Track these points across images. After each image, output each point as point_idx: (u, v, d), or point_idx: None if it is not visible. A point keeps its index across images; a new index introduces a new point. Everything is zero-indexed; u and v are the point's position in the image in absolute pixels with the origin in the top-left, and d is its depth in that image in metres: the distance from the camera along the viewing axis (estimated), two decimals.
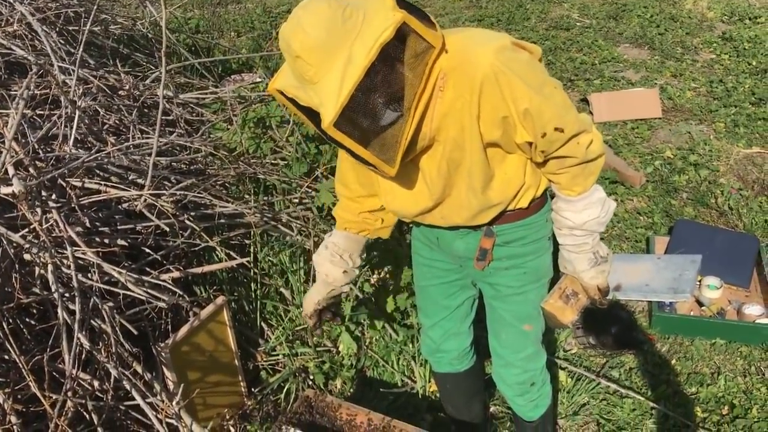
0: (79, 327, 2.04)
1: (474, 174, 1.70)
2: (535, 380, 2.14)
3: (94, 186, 2.47)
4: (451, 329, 2.22)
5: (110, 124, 3.13)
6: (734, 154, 4.56)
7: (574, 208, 1.79)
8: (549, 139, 1.63)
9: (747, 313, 3.19)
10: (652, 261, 3.49)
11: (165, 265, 2.55)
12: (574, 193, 1.77)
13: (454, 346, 2.25)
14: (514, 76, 1.55)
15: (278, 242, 3.01)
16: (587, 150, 1.70)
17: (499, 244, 1.90)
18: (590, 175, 1.76)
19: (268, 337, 2.92)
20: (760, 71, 5.63)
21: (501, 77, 1.54)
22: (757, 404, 2.80)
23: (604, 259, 1.87)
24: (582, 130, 1.67)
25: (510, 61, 1.56)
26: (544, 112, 1.59)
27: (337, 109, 1.40)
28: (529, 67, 1.60)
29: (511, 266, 1.94)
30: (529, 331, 2.04)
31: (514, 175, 1.76)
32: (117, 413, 2.25)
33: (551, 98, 1.62)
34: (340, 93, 1.39)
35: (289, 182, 3.20)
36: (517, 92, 1.56)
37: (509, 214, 1.85)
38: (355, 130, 1.47)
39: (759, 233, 3.78)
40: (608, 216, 1.82)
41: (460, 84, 1.56)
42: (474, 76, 1.54)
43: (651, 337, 3.17)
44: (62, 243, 2.20)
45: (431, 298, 2.18)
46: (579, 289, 1.91)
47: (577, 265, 1.87)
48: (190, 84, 4.14)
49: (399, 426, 2.24)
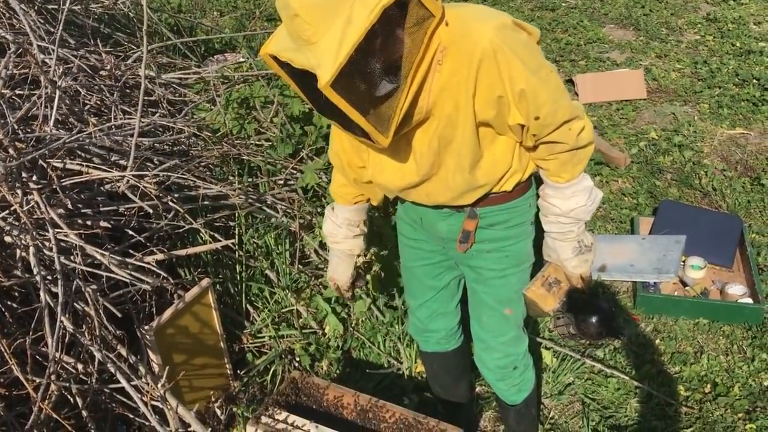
0: (62, 310, 2.01)
1: (463, 153, 1.69)
2: (517, 364, 2.14)
3: (76, 167, 2.44)
4: (438, 309, 2.22)
5: (91, 104, 3.08)
6: (718, 135, 4.59)
7: (561, 195, 1.78)
8: (542, 122, 1.63)
9: (730, 292, 3.22)
10: (637, 241, 3.51)
11: (149, 247, 2.52)
12: (562, 179, 1.76)
13: (441, 326, 2.25)
14: (513, 55, 1.54)
15: (263, 224, 2.98)
16: (578, 137, 1.69)
17: (482, 227, 1.89)
18: (579, 162, 1.75)
19: (254, 320, 2.91)
20: (743, 52, 5.64)
21: (500, 55, 1.53)
22: (738, 382, 2.84)
23: (588, 249, 1.86)
24: (574, 116, 1.67)
25: (509, 40, 1.55)
26: (539, 95, 1.59)
27: (335, 68, 1.37)
28: (527, 48, 1.60)
29: (493, 249, 1.93)
30: (510, 315, 2.04)
31: (501, 158, 1.75)
32: (101, 396, 2.24)
33: (547, 81, 1.61)
34: (338, 53, 1.36)
35: (273, 163, 3.17)
36: (515, 72, 1.55)
37: (493, 197, 1.84)
38: (351, 94, 1.44)
39: (742, 214, 3.81)
40: (595, 205, 1.81)
41: (458, 59, 1.55)
42: (473, 52, 1.53)
43: (635, 317, 3.19)
44: (44, 225, 2.17)
45: (417, 279, 2.18)
46: (562, 277, 1.90)
47: (561, 253, 1.86)
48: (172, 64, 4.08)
49: (385, 406, 2.24)
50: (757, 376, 2.86)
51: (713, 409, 2.74)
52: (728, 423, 2.67)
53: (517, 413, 2.31)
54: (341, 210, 2.09)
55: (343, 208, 2.09)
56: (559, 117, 1.64)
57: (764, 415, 2.69)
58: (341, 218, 2.10)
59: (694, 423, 2.68)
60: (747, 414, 2.71)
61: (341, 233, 2.11)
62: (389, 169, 1.80)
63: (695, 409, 2.74)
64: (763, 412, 2.70)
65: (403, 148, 1.73)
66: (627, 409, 2.75)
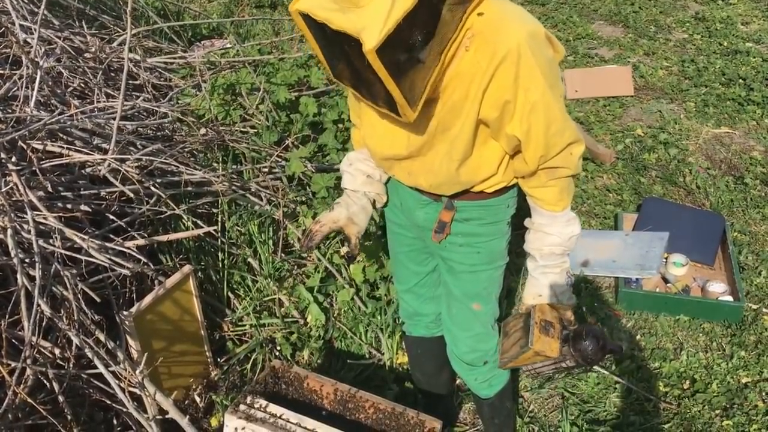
0: (40, 293, 1.98)
1: (457, 144, 1.68)
2: (487, 359, 2.14)
3: (57, 149, 2.40)
4: (425, 294, 2.22)
5: (75, 86, 3.03)
6: (703, 134, 4.61)
7: (559, 224, 1.78)
8: (550, 141, 1.62)
9: (710, 290, 3.24)
10: (620, 237, 3.52)
11: (129, 232, 2.49)
12: (558, 208, 1.76)
13: (431, 310, 2.26)
14: (536, 65, 1.53)
15: (247, 211, 2.96)
16: (578, 162, 1.71)
17: (458, 220, 1.89)
18: (572, 191, 1.78)
19: (235, 308, 2.89)
20: (730, 52, 5.67)
21: (523, 60, 1.52)
22: (717, 379, 2.86)
23: (573, 278, 1.86)
24: (576, 140, 1.67)
25: (537, 50, 1.54)
26: (551, 110, 1.59)
27: (384, 34, 1.35)
28: (550, 64, 1.60)
29: (466, 244, 1.92)
30: (477, 310, 2.04)
31: (488, 162, 1.75)
32: (79, 382, 2.21)
33: (558, 100, 1.62)
34: (388, 19, 1.35)
35: (258, 151, 3.14)
36: (533, 82, 1.54)
37: (472, 193, 1.84)
38: (392, 62, 1.42)
39: (725, 212, 3.83)
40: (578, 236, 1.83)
41: (482, 50, 1.53)
42: (498, 48, 1.52)
43: (617, 312, 3.21)
44: (22, 207, 2.14)
45: (402, 264, 2.19)
46: (550, 317, 1.81)
47: (557, 287, 1.83)
48: (158, 48, 4.03)
49: (365, 396, 2.24)
50: (735, 373, 2.88)
51: (691, 405, 2.75)
52: (706, 419, 2.69)
53: (490, 407, 2.31)
54: (357, 156, 2.02)
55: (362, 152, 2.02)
56: (566, 137, 1.64)
57: (741, 412, 2.71)
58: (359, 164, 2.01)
59: (672, 419, 2.70)
60: (724, 410, 2.73)
61: (377, 174, 2.01)
62: (381, 135, 1.78)
63: (674, 405, 2.76)
64: (740, 409, 2.72)
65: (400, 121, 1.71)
66: (606, 404, 2.76)
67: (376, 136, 1.81)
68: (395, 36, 1.37)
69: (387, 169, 1.91)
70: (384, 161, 1.86)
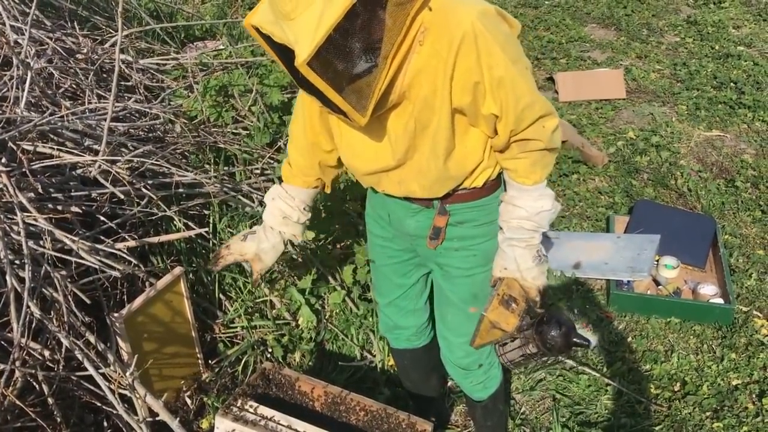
0: (30, 295, 1.97)
1: (438, 139, 1.67)
2: (482, 362, 2.13)
3: (47, 150, 2.39)
4: (407, 306, 2.21)
5: (66, 87, 3.02)
6: (695, 137, 4.63)
7: (528, 197, 1.75)
8: (520, 115, 1.62)
9: (701, 292, 3.25)
10: (612, 240, 3.53)
11: (120, 233, 2.48)
12: (529, 181, 1.73)
13: (411, 323, 2.24)
14: (494, 41, 1.53)
15: (238, 213, 2.95)
16: (551, 135, 1.68)
17: (452, 224, 1.88)
18: (546, 165, 1.74)
19: (227, 310, 2.88)
20: (722, 56, 5.69)
21: (480, 39, 1.52)
22: (707, 381, 2.87)
23: (546, 259, 1.81)
24: (549, 113, 1.66)
25: (491, 27, 1.54)
26: (518, 84, 1.58)
27: (312, 48, 1.36)
28: (508, 38, 1.60)
29: (461, 248, 1.92)
30: (474, 313, 1.98)
31: (473, 151, 1.74)
32: (69, 384, 2.20)
33: (523, 74, 1.61)
34: (316, 32, 1.35)
35: (250, 152, 3.14)
36: (494, 58, 1.54)
37: (463, 193, 1.83)
38: (329, 72, 1.43)
39: (716, 215, 3.84)
40: (555, 214, 1.79)
41: (439, 41, 1.54)
42: (453, 34, 1.52)
43: (608, 314, 3.21)
44: (12, 208, 2.13)
45: (385, 277, 2.17)
46: (517, 294, 1.78)
47: (522, 262, 1.78)
48: (151, 50, 4.02)
49: (356, 399, 2.23)
50: (725, 375, 2.89)
51: (682, 407, 2.76)
52: (696, 421, 2.70)
53: (483, 409, 2.31)
54: (298, 192, 2.03)
55: (300, 190, 2.03)
56: (537, 110, 1.63)
57: (731, 414, 2.72)
58: (298, 200, 2.02)
59: (662, 421, 2.71)
60: (715, 413, 2.74)
61: (295, 215, 2.02)
62: (363, 152, 1.77)
63: (664, 407, 2.76)
64: (730, 411, 2.73)
65: (378, 132, 1.71)
66: (597, 406, 2.76)
67: (357, 155, 1.80)
68: (328, 47, 1.38)
69: (374, 184, 1.88)
70: (370, 177, 1.84)
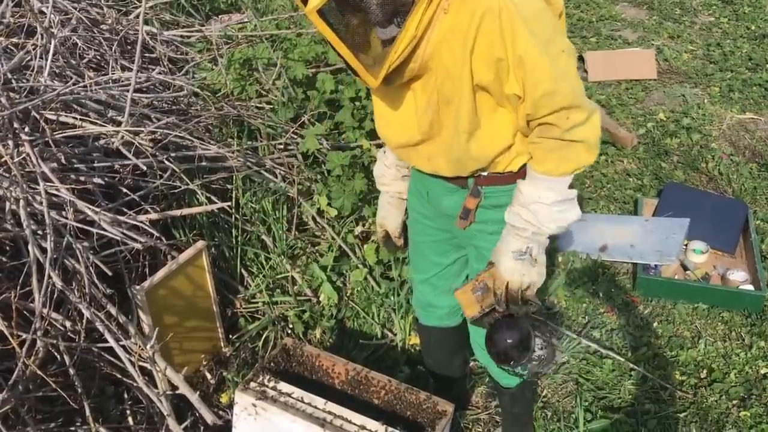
0: (51, 265, 1.97)
1: (461, 116, 1.62)
2: None
3: (70, 120, 2.38)
4: (442, 286, 2.17)
5: (90, 58, 3.00)
6: (727, 119, 4.51)
7: (532, 183, 1.65)
8: (537, 102, 1.54)
9: (731, 278, 3.18)
10: (640, 223, 3.46)
11: (143, 206, 2.47)
12: (540, 168, 1.64)
13: (445, 303, 2.20)
14: (519, 18, 1.46)
15: (261, 188, 2.93)
16: (574, 128, 1.56)
17: (486, 207, 1.83)
18: (565, 159, 1.60)
19: (248, 285, 2.87)
20: (758, 36, 5.54)
21: (504, 13, 1.45)
22: (735, 369, 2.81)
23: (532, 262, 1.70)
24: (576, 105, 1.55)
25: (520, 2, 1.47)
26: (537, 68, 1.50)
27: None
28: (538, 16, 1.51)
29: (495, 231, 1.82)
30: None
31: (500, 133, 1.67)
32: (90, 355, 2.20)
33: (553, 59, 1.51)
34: None
35: (274, 127, 3.10)
36: (518, 35, 1.47)
37: (499, 176, 1.77)
38: (341, 25, 1.40)
39: (747, 199, 3.75)
40: (564, 218, 1.66)
41: (462, 10, 1.48)
42: (477, 5, 1.46)
43: (634, 299, 3.16)
44: (35, 178, 2.11)
45: (423, 254, 2.13)
46: (495, 285, 1.74)
47: (503, 251, 1.71)
48: (176, 22, 3.99)
49: (376, 377, 2.21)
50: (754, 363, 2.83)
51: (708, 395, 2.71)
52: (722, 409, 2.65)
53: (511, 396, 2.27)
54: (390, 151, 2.02)
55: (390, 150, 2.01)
56: (558, 101, 1.53)
57: (759, 403, 2.66)
58: (390, 159, 2.03)
59: (687, 408, 2.66)
60: (742, 401, 2.68)
61: (390, 174, 2.05)
62: (393, 123, 1.75)
63: (690, 394, 2.71)
64: (758, 400, 2.67)
65: (406, 103, 1.68)
66: (621, 391, 2.72)
67: (387, 125, 1.78)
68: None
69: (406, 159, 1.86)
70: (401, 150, 1.82)
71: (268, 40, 3.42)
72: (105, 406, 2.31)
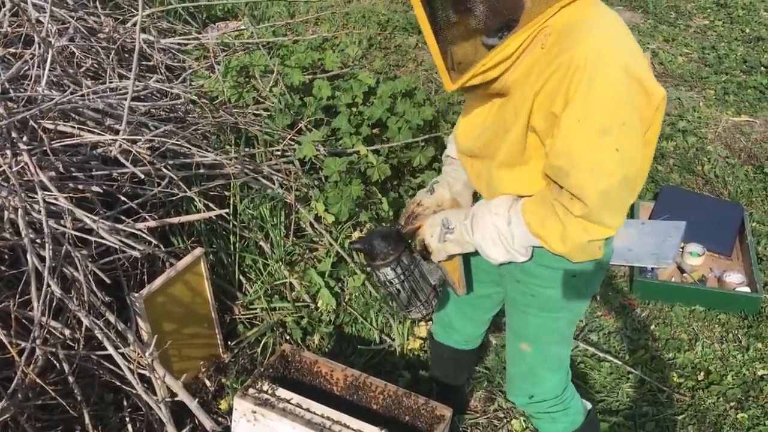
0: (50, 273, 1.98)
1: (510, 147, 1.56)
2: (545, 397, 1.95)
3: (68, 129, 2.39)
4: (469, 314, 2.13)
5: (87, 66, 3.02)
6: (723, 122, 4.53)
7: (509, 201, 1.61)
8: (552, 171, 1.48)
9: (727, 281, 3.19)
10: (636, 226, 3.47)
11: (141, 213, 2.48)
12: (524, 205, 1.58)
13: (467, 330, 2.17)
14: (588, 88, 1.36)
15: (259, 195, 2.94)
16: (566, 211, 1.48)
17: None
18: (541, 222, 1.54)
19: (246, 291, 2.88)
20: (752, 39, 5.57)
21: (577, 75, 1.36)
22: (732, 371, 2.82)
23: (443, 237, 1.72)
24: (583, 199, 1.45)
25: (603, 73, 1.36)
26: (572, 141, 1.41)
27: None
28: (608, 100, 1.38)
29: (521, 282, 1.79)
30: (525, 351, 1.89)
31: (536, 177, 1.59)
32: (89, 363, 2.21)
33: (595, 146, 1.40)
34: None
35: (271, 134, 3.11)
36: (575, 102, 1.38)
37: None
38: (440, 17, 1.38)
39: (743, 202, 3.77)
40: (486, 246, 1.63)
41: (552, 51, 1.41)
42: (561, 53, 1.38)
43: (631, 302, 3.17)
44: (33, 187, 2.12)
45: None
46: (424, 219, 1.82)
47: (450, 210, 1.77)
48: (172, 29, 4.01)
49: (375, 382, 2.22)
50: (751, 365, 2.84)
51: (705, 396, 2.72)
52: (720, 411, 2.66)
53: None
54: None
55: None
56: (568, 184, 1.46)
57: (756, 405, 2.67)
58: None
59: (685, 410, 2.66)
60: (739, 403, 2.69)
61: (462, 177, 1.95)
62: (463, 126, 1.74)
63: (687, 397, 2.72)
64: (755, 402, 2.69)
65: (481, 113, 1.64)
66: (619, 394, 2.73)
67: (460, 125, 1.77)
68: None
69: (464, 165, 1.81)
70: (462, 156, 1.80)
71: (264, 47, 3.44)
72: (104, 413, 2.31)
